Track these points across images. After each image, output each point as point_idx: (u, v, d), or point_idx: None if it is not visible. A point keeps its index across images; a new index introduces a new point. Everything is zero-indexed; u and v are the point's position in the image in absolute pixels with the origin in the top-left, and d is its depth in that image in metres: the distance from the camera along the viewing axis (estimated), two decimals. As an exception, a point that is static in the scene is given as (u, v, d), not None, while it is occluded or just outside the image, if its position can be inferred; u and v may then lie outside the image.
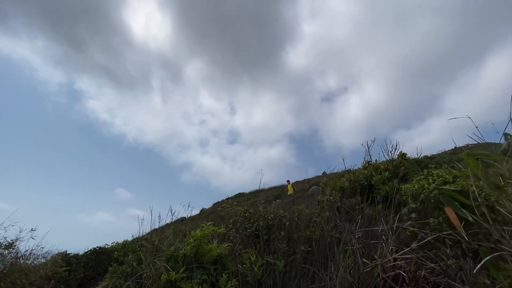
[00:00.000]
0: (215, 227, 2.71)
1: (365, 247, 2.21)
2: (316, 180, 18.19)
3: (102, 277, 8.74)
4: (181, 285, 2.27)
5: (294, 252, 2.67)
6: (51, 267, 6.14)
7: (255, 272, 2.21)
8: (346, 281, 1.98)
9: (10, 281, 4.90)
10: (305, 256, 2.48)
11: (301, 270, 2.33)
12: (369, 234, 2.48)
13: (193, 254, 2.51)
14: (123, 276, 3.07)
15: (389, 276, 1.85)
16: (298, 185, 19.43)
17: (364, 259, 2.01)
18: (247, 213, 3.13)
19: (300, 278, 2.27)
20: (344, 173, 5.27)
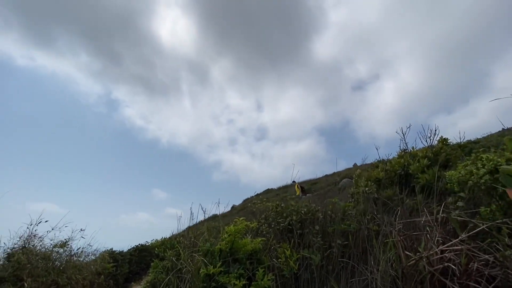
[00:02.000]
0: (248, 222, 2.74)
1: (407, 239, 2.09)
2: (346, 172, 17.61)
3: (145, 272, 9.33)
4: (219, 278, 2.33)
5: (330, 246, 2.61)
6: (100, 264, 6.67)
7: (291, 266, 2.19)
8: (388, 275, 1.88)
9: (66, 276, 5.41)
10: (342, 250, 2.41)
11: (338, 264, 2.27)
12: (410, 225, 2.33)
13: (228, 249, 2.56)
14: (164, 271, 3.24)
15: (436, 269, 1.73)
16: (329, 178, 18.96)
17: (407, 251, 1.89)
18: (279, 208, 3.12)
19: (338, 272, 2.21)
20: (379, 163, 5.02)
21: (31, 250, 5.10)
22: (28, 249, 5.08)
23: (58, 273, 5.25)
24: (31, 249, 5.14)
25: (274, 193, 24.33)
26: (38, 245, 5.33)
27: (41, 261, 5.09)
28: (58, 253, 5.57)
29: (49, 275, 5.04)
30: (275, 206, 3.11)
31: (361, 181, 4.66)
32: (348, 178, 14.37)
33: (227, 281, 2.26)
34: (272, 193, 24.73)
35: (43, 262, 5.12)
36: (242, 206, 24.21)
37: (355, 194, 4.23)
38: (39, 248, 5.30)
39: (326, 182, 16.94)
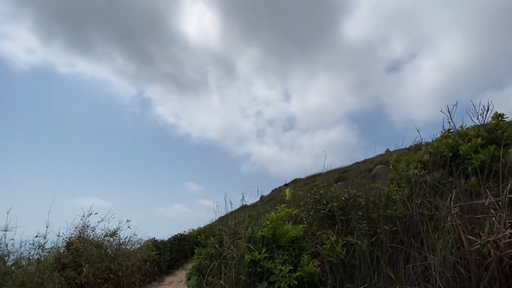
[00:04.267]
0: (289, 209, 2.73)
1: (467, 223, 1.93)
2: (379, 159, 16.84)
3: (185, 260, 9.88)
4: (264, 264, 2.36)
5: (376, 232, 2.51)
6: (145, 251, 7.18)
7: (338, 252, 2.15)
8: (448, 260, 1.76)
9: (117, 262, 5.89)
10: (390, 236, 2.30)
11: (388, 250, 2.18)
12: (467, 209, 2.15)
13: (270, 235, 2.58)
14: (208, 257, 3.38)
15: (506, 254, 1.58)
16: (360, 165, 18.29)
17: (468, 236, 1.75)
18: (317, 195, 3.07)
19: (389, 258, 2.13)
20: (420, 146, 4.70)
21: (86, 239, 5.61)
22: (83, 238, 5.60)
23: (110, 260, 5.74)
24: (86, 238, 5.65)
25: (303, 182, 24.13)
26: (91, 235, 5.85)
27: (95, 249, 5.59)
28: (108, 241, 6.08)
29: (103, 261, 5.52)
30: (313, 193, 3.07)
31: (401, 166, 4.40)
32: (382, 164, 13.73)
33: (273, 266, 2.29)
34: (301, 183, 24.53)
35: (96, 250, 5.62)
36: (271, 196, 24.41)
37: (400, 178, 4.01)
38: (92, 237, 5.81)
39: (357, 170, 16.37)
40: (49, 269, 4.42)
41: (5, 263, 4.28)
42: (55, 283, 4.23)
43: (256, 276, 2.36)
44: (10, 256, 4.46)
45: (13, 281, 3.77)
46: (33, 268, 4.27)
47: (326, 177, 18.05)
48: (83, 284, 4.79)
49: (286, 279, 2.13)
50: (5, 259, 4.35)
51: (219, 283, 2.62)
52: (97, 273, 5.13)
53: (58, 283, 4.30)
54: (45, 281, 4.12)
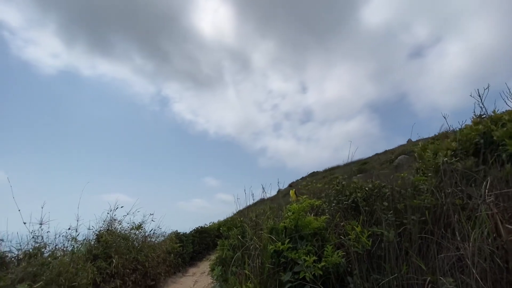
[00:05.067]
0: (312, 200, 2.70)
1: (504, 211, 1.82)
2: (401, 149, 16.24)
3: (206, 251, 10.15)
4: (287, 254, 2.37)
5: (402, 223, 2.43)
6: (169, 244, 7.44)
7: (364, 242, 2.11)
8: (483, 250, 1.67)
9: (144, 254, 6.16)
10: (419, 226, 2.22)
11: (418, 241, 2.11)
12: (504, 197, 2.02)
13: (293, 226, 2.57)
14: (231, 249, 3.44)
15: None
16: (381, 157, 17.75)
17: (507, 225, 1.65)
18: (339, 186, 3.01)
19: (419, 249, 2.06)
20: (447, 134, 4.47)
21: (114, 232, 5.89)
22: (111, 231, 5.88)
23: (137, 252, 6.00)
24: (114, 231, 5.94)
25: (320, 175, 23.86)
26: (119, 228, 6.14)
27: (122, 241, 5.86)
28: (135, 234, 6.35)
29: (130, 253, 5.79)
30: (335, 184, 3.01)
31: (428, 154, 4.22)
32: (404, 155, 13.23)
33: (297, 257, 2.29)
34: (318, 176, 24.29)
35: (124, 242, 5.89)
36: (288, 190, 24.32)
37: (421, 169, 3.86)
38: (120, 230, 6.09)
39: (378, 161, 15.90)
40: (82, 259, 4.70)
41: (42, 254, 4.59)
42: (88, 273, 4.50)
43: (280, 266, 2.37)
44: (47, 248, 4.79)
45: (50, 271, 4.04)
46: (67, 259, 4.56)
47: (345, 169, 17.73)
48: (113, 274, 5.05)
49: (310, 269, 2.13)
50: (42, 250, 4.67)
51: (243, 273, 2.66)
52: (125, 263, 5.39)
53: (91, 272, 4.56)
54: (79, 270, 4.39)
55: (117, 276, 5.10)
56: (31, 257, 4.42)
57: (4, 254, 4.32)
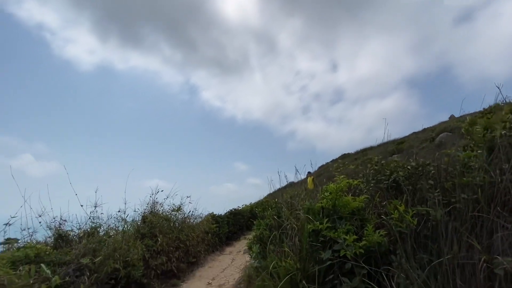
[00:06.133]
0: (350, 180, 2.65)
1: None
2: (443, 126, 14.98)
3: (241, 232, 10.59)
4: (326, 233, 2.38)
5: (450, 202, 2.29)
6: (206, 224, 7.87)
7: (408, 221, 2.03)
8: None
9: (184, 233, 6.61)
10: (469, 205, 2.07)
11: (470, 220, 1.98)
12: None
13: (331, 207, 2.56)
14: (268, 228, 3.54)
15: None
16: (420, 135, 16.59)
17: None
18: (378, 165, 2.90)
19: (472, 229, 1.93)
20: (501, 106, 4.02)
21: (157, 214, 6.38)
22: (154, 213, 6.37)
23: (178, 231, 6.46)
24: (156, 212, 6.42)
25: (352, 157, 23.09)
26: (160, 210, 6.62)
27: (165, 221, 6.33)
28: (175, 215, 6.82)
29: (173, 232, 6.25)
30: (374, 164, 2.90)
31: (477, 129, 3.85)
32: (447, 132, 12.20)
33: (336, 236, 2.29)
34: (350, 158, 23.54)
35: (166, 223, 6.35)
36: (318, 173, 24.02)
37: (470, 146, 3.54)
38: (161, 212, 6.58)
39: (416, 140, 14.88)
40: (132, 238, 5.19)
41: (98, 233, 5.16)
42: (138, 250, 4.97)
43: (318, 245, 2.39)
44: (101, 227, 5.35)
45: (107, 247, 4.53)
46: (120, 237, 5.06)
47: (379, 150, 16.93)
48: (159, 251, 5.52)
49: (351, 247, 2.12)
50: (98, 230, 5.24)
51: (281, 251, 2.74)
52: (169, 242, 5.85)
53: (140, 249, 5.04)
54: (131, 247, 4.87)
55: (162, 253, 5.57)
56: (89, 235, 4.98)
57: (67, 233, 4.93)
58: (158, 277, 5.30)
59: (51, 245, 4.56)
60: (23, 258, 3.67)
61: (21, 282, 3.21)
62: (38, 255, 3.83)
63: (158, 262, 5.33)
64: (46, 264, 3.65)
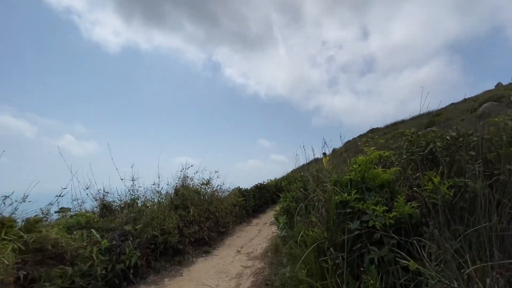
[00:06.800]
0: (381, 151, 2.56)
1: None
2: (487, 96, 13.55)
3: (266, 205, 10.94)
4: (354, 205, 2.37)
5: (493, 174, 2.13)
6: (233, 198, 8.22)
7: (443, 193, 1.95)
8: None
9: (213, 205, 6.98)
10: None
11: None
12: None
13: (359, 179, 2.52)
14: (294, 200, 3.61)
15: None
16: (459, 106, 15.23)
17: None
18: (413, 136, 2.74)
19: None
20: None
21: (188, 187, 6.76)
22: (185, 186, 6.75)
23: (208, 203, 6.83)
24: (187, 186, 6.80)
25: (381, 132, 22.05)
26: (191, 183, 7.00)
27: (195, 194, 6.71)
28: (204, 189, 7.18)
29: (203, 204, 6.63)
30: (409, 135, 2.75)
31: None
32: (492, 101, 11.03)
33: (365, 207, 2.27)
34: (379, 132, 22.51)
35: (197, 195, 6.74)
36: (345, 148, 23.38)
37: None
38: (192, 186, 6.96)
39: (455, 111, 13.71)
40: (167, 208, 5.61)
41: (137, 204, 5.63)
42: (172, 219, 5.39)
43: (345, 216, 2.41)
44: (139, 199, 5.83)
45: (145, 216, 4.96)
46: (156, 208, 5.50)
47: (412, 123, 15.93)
48: (191, 221, 5.93)
49: (380, 218, 2.11)
50: (137, 201, 5.72)
51: (308, 221, 2.81)
52: (200, 213, 6.24)
53: (174, 219, 5.45)
54: (166, 217, 5.28)
55: (194, 223, 5.98)
56: (129, 206, 5.47)
57: (110, 203, 5.44)
58: (192, 244, 5.74)
59: (98, 214, 5.09)
60: (76, 225, 4.16)
61: (76, 244, 3.67)
62: (88, 222, 4.31)
63: (191, 230, 5.75)
64: (95, 230, 4.12)
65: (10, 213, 3.67)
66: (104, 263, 3.75)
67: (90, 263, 3.57)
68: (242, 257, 5.52)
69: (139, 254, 4.26)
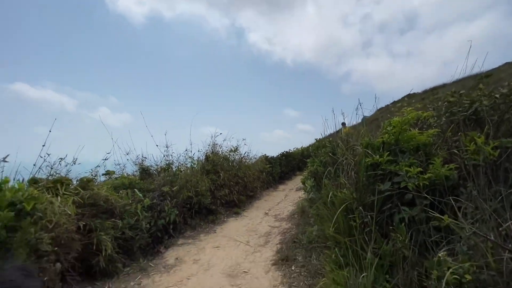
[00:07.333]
0: (419, 112, 2.42)
1: None
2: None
3: (292, 173, 11.12)
4: (386, 167, 2.33)
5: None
6: (260, 164, 8.44)
7: (487, 153, 1.83)
8: None
9: (242, 171, 7.27)
10: None
11: None
12: None
13: (393, 141, 2.44)
14: (322, 165, 3.64)
15: None
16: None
17: None
18: (455, 96, 2.52)
19: None
20: None
21: (217, 154, 7.05)
22: (215, 153, 7.05)
23: (236, 169, 7.12)
24: (217, 152, 7.09)
25: (419, 97, 20.42)
26: (220, 150, 7.28)
27: (224, 160, 7.00)
28: (233, 156, 7.45)
29: (232, 170, 6.92)
30: (450, 95, 2.53)
31: None
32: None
33: (397, 169, 2.23)
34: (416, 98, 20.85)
35: (226, 162, 7.03)
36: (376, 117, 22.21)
37: None
38: (221, 152, 7.24)
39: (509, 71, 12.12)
40: (199, 173, 5.97)
41: (172, 168, 6.05)
42: (205, 182, 5.75)
43: (376, 178, 2.39)
44: (173, 164, 6.25)
45: (180, 180, 5.34)
46: (189, 172, 5.88)
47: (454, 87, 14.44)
48: (222, 184, 6.28)
49: (413, 179, 2.07)
50: (171, 166, 6.14)
51: (336, 184, 2.84)
52: (229, 177, 6.56)
53: (206, 182, 5.81)
54: (199, 180, 5.64)
55: (225, 186, 6.33)
56: (165, 170, 5.90)
57: (148, 167, 5.91)
58: (223, 206, 6.16)
59: (138, 177, 5.59)
60: (121, 185, 4.63)
61: (123, 201, 4.12)
62: (130, 183, 4.77)
63: (222, 193, 6.12)
64: (138, 190, 4.56)
65: (65, 173, 4.19)
66: (148, 219, 4.21)
67: (136, 218, 4.02)
68: (270, 219, 5.82)
69: (176, 212, 4.69)
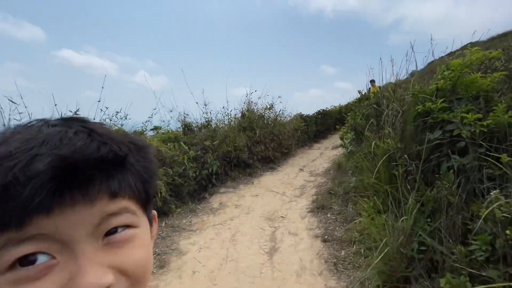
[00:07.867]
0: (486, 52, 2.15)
1: None
2: None
3: (328, 131, 10.92)
4: (438, 115, 2.20)
5: None
6: (295, 122, 8.40)
7: None
8: None
9: (277, 129, 7.35)
10: None
11: None
12: None
13: (449, 87, 2.25)
14: (363, 118, 3.53)
15: None
16: None
17: None
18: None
19: None
20: None
21: (253, 111, 7.15)
22: (250, 111, 7.15)
23: (272, 127, 7.22)
24: (252, 110, 7.19)
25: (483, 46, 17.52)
26: (255, 108, 7.35)
27: (260, 118, 7.11)
28: (268, 114, 7.49)
29: (267, 127, 7.04)
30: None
31: None
32: None
33: (451, 117, 2.10)
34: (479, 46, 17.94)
35: (261, 119, 7.13)
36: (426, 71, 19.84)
37: None
38: (256, 110, 7.31)
39: None
40: (236, 129, 6.19)
41: (211, 125, 6.36)
42: (242, 138, 5.98)
43: (425, 126, 2.28)
44: (213, 121, 6.54)
45: (220, 135, 5.63)
46: (227, 128, 6.13)
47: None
48: (258, 141, 6.49)
49: (469, 127, 1.94)
50: (211, 122, 6.43)
51: (379, 135, 2.78)
52: (265, 134, 6.71)
53: (243, 138, 6.04)
54: (236, 136, 5.89)
55: (260, 143, 6.54)
56: (205, 127, 6.23)
57: (190, 123, 6.28)
58: (259, 161, 6.43)
59: (181, 132, 6.00)
60: (167, 139, 5.05)
61: (171, 152, 4.54)
62: (176, 137, 5.17)
63: (258, 149, 6.35)
64: (183, 143, 4.95)
65: (119, 127, 4.68)
66: (193, 169, 4.62)
67: (183, 167, 4.45)
68: (305, 174, 5.99)
69: (218, 164, 5.06)
